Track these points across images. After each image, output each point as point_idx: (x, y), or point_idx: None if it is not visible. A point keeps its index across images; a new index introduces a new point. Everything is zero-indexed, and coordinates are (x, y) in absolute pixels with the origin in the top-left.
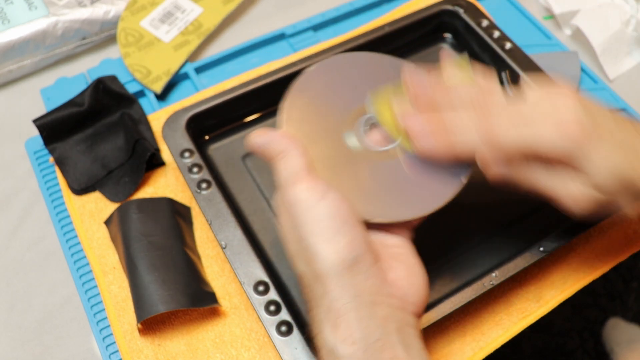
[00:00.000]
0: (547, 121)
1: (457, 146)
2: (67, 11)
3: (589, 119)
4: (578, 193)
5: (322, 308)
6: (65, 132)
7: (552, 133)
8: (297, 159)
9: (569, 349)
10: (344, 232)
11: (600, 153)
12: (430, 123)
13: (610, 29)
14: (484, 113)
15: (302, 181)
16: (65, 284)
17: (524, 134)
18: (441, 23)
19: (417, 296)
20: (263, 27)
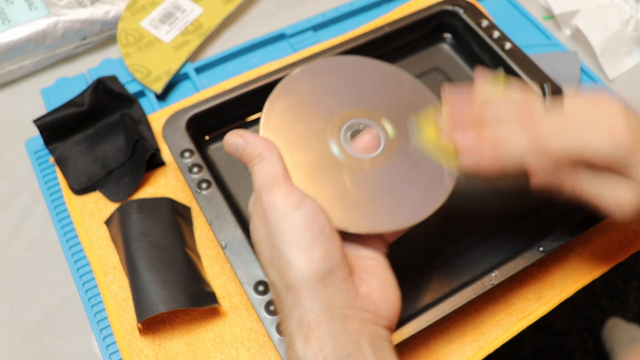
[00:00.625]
0: (596, 128)
1: (506, 158)
2: (67, 11)
3: (635, 123)
4: (625, 199)
5: (293, 320)
6: (66, 132)
7: (603, 139)
8: (274, 164)
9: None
10: (319, 242)
11: None
12: (477, 138)
13: (610, 29)
14: (528, 123)
15: (278, 187)
16: (65, 284)
17: (575, 141)
18: (441, 23)
19: (390, 310)
20: (263, 27)
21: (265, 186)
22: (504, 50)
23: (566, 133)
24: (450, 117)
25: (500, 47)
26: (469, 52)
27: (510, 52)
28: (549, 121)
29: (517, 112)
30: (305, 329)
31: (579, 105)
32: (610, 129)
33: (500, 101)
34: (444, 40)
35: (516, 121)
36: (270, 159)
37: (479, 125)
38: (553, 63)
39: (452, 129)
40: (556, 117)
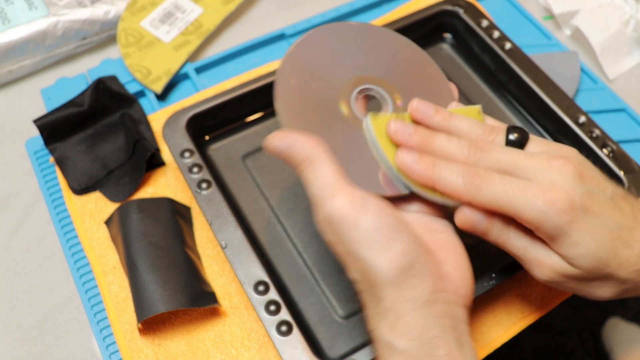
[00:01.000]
0: (538, 190)
1: (439, 183)
2: (67, 11)
3: (583, 197)
4: (547, 265)
5: (379, 309)
6: (66, 132)
7: (539, 205)
8: (327, 168)
9: (569, 349)
10: (394, 239)
11: (582, 235)
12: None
13: (610, 29)
14: (477, 160)
15: (339, 194)
16: (65, 284)
17: (509, 196)
18: (441, 23)
19: (467, 288)
20: (263, 27)
21: (326, 194)
22: (504, 50)
23: (505, 188)
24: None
25: (500, 47)
26: (469, 52)
27: (510, 52)
28: (497, 170)
29: (473, 147)
30: (392, 318)
31: (538, 159)
32: (550, 197)
33: (466, 121)
34: (444, 40)
35: (465, 159)
36: (320, 162)
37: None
38: (553, 63)
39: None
40: (506, 167)
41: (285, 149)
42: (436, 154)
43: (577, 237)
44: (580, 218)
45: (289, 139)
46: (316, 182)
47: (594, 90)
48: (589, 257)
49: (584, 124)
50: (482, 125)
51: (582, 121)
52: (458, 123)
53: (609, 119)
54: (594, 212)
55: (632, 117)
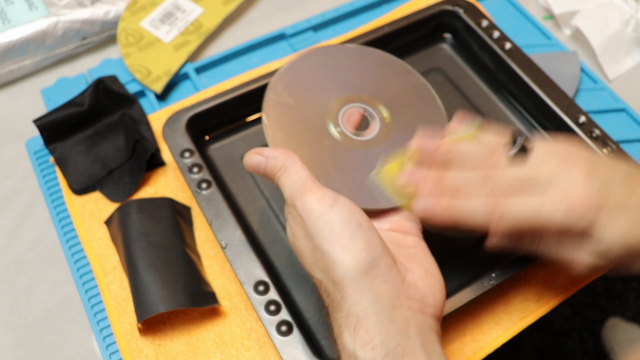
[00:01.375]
0: (554, 196)
1: (460, 216)
2: (67, 11)
3: (598, 192)
4: (583, 261)
5: (341, 313)
6: (66, 132)
7: (558, 207)
8: (298, 171)
9: (569, 348)
10: (359, 235)
11: (604, 228)
12: (437, 184)
13: (610, 29)
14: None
15: (309, 192)
16: (65, 283)
17: (530, 216)
18: (441, 23)
19: (436, 298)
20: (263, 27)
21: (297, 193)
22: (504, 50)
23: (524, 202)
24: (415, 157)
25: (500, 47)
26: (469, 52)
27: (510, 52)
28: (513, 186)
29: (481, 166)
30: (354, 321)
31: (542, 161)
32: (566, 194)
33: (467, 149)
34: (444, 40)
35: (478, 184)
36: (293, 167)
37: (442, 170)
38: (553, 63)
39: (413, 169)
40: (517, 178)
41: (264, 162)
42: (451, 192)
43: (602, 233)
44: (600, 214)
45: (266, 153)
46: (290, 185)
47: (594, 90)
48: (617, 247)
49: (584, 124)
50: (484, 148)
51: (582, 121)
52: (462, 151)
53: (609, 119)
54: (611, 204)
55: (632, 117)
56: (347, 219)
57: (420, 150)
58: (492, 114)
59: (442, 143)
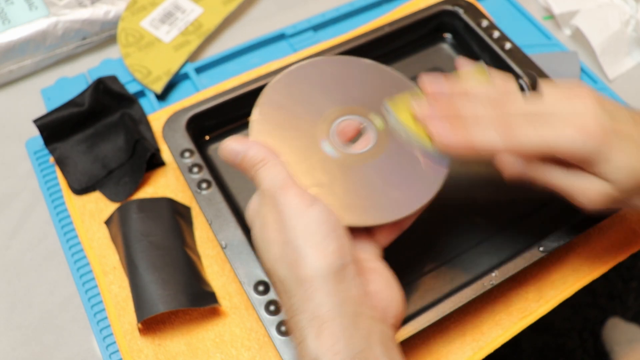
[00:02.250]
0: (567, 122)
1: (477, 143)
2: (67, 11)
3: (609, 119)
4: (593, 191)
5: (305, 314)
6: (66, 132)
7: (573, 135)
8: (280, 167)
9: (569, 348)
10: (333, 237)
11: (619, 154)
12: (450, 120)
13: (610, 29)
14: (503, 112)
15: (291, 187)
16: (65, 283)
17: (544, 136)
18: (441, 23)
19: (397, 309)
20: (263, 27)
21: (278, 185)
22: (504, 50)
23: (537, 129)
24: (428, 103)
25: (500, 47)
26: (469, 52)
27: (510, 52)
28: (523, 116)
29: (493, 99)
30: (318, 323)
31: (557, 96)
32: (581, 125)
33: (478, 90)
34: (444, 40)
35: (492, 114)
36: (275, 163)
37: (455, 113)
38: (553, 63)
39: (428, 114)
40: (531, 108)
41: (243, 151)
42: (467, 122)
43: (613, 155)
44: (612, 139)
45: (247, 143)
46: (270, 178)
47: None
48: (628, 172)
49: None
50: (497, 89)
51: None
52: (475, 91)
53: None
54: (623, 132)
55: None
56: (324, 219)
57: (434, 92)
58: None
59: (456, 84)
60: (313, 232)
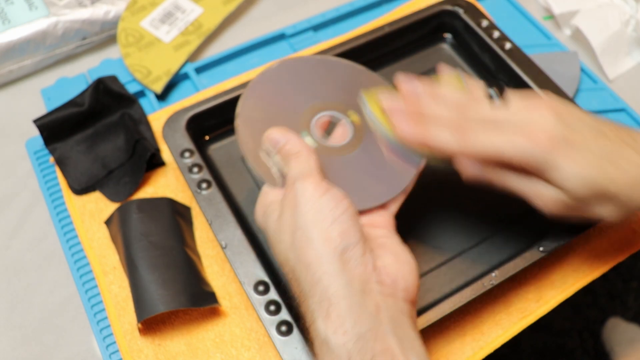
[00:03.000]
0: (518, 131)
1: (431, 141)
2: (67, 11)
3: (563, 130)
4: (548, 197)
5: (314, 298)
6: (66, 132)
7: (521, 143)
8: (311, 161)
9: (569, 348)
10: (340, 221)
11: (569, 163)
12: (412, 116)
13: (610, 29)
14: (462, 116)
15: (311, 177)
16: (65, 283)
17: (494, 142)
18: (441, 23)
19: (407, 281)
20: (263, 27)
21: (301, 175)
22: (504, 50)
23: (490, 136)
24: (396, 98)
25: (500, 47)
26: (469, 52)
27: (510, 52)
28: (480, 122)
29: (458, 107)
30: (326, 305)
31: (518, 107)
32: (530, 133)
33: (448, 94)
34: (444, 40)
35: (451, 116)
36: (308, 156)
37: (418, 110)
38: (553, 63)
39: (393, 107)
40: (489, 118)
41: (282, 141)
42: (427, 118)
43: (563, 164)
44: (563, 148)
45: (287, 135)
46: (298, 167)
47: (594, 90)
48: (579, 180)
49: None
50: (463, 88)
51: None
52: (442, 89)
53: (609, 118)
54: (576, 141)
55: (632, 117)
56: (334, 205)
57: (408, 92)
58: None
59: (429, 86)
60: (322, 218)
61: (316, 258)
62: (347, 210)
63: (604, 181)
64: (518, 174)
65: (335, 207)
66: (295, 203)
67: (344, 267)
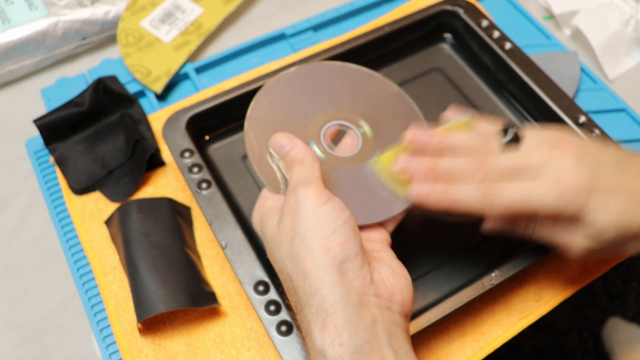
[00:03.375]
0: (542, 179)
1: (457, 203)
2: (67, 11)
3: (589, 175)
4: (576, 245)
5: (311, 308)
6: (66, 132)
7: (548, 193)
8: (314, 168)
9: (569, 348)
10: (340, 232)
11: (599, 209)
12: (431, 170)
13: (610, 29)
14: (485, 172)
15: (313, 184)
16: (65, 283)
17: (521, 195)
18: (441, 23)
19: (403, 295)
20: (263, 27)
21: (303, 182)
22: (504, 50)
23: (515, 188)
24: (409, 147)
25: (500, 47)
26: (469, 52)
27: (510, 52)
28: (504, 173)
29: (474, 154)
30: (323, 315)
31: (535, 148)
32: (556, 179)
33: (461, 137)
34: (444, 40)
35: (472, 169)
36: (312, 164)
37: (434, 162)
38: (553, 63)
39: (408, 157)
40: (509, 164)
41: (288, 147)
42: (445, 178)
43: (594, 216)
44: (591, 198)
45: (294, 141)
46: (300, 174)
47: (594, 90)
48: (609, 229)
49: (584, 124)
50: (477, 136)
51: (582, 121)
52: (455, 140)
53: (609, 119)
54: (603, 187)
55: (632, 117)
56: (335, 215)
57: (414, 140)
58: (492, 114)
59: (435, 132)
60: (322, 227)
61: (314, 267)
62: (347, 221)
63: (632, 222)
64: (545, 225)
65: (336, 217)
66: (295, 210)
67: (342, 279)
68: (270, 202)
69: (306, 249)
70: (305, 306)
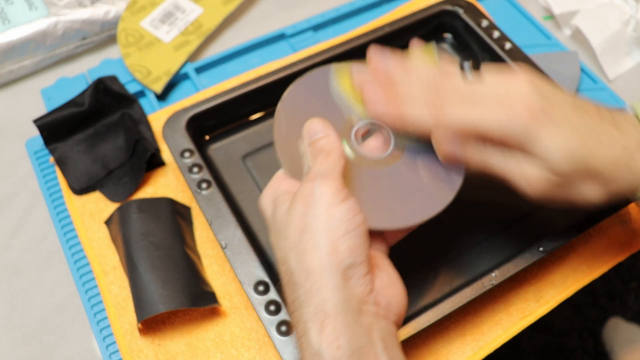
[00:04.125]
0: (496, 103)
1: (408, 118)
2: (67, 11)
3: (542, 102)
4: (532, 175)
5: (309, 308)
6: (66, 132)
7: (499, 115)
8: (339, 164)
9: (569, 348)
10: (351, 236)
11: (552, 135)
12: (384, 92)
13: (610, 29)
14: (438, 92)
15: (333, 179)
16: (65, 283)
17: (472, 114)
18: (441, 23)
19: (399, 306)
20: (263, 27)
21: (323, 173)
22: (504, 50)
23: (467, 105)
24: (370, 72)
25: (500, 47)
26: (469, 52)
27: (510, 52)
28: (456, 95)
29: (432, 81)
30: (322, 317)
31: (493, 80)
32: (509, 105)
33: (420, 67)
34: (444, 40)
35: (426, 90)
36: (338, 159)
37: (391, 84)
38: (553, 63)
39: (365, 81)
40: (466, 89)
41: (320, 134)
42: (400, 93)
43: (544, 135)
44: (543, 119)
45: (329, 130)
46: (323, 165)
47: (594, 90)
48: (561, 152)
49: None
50: (437, 62)
51: None
52: (414, 63)
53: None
54: (556, 114)
55: None
56: (349, 217)
57: (379, 68)
58: None
59: (402, 60)
60: (334, 227)
61: (320, 268)
62: (360, 226)
63: (586, 156)
64: (498, 150)
65: (350, 219)
66: (310, 201)
67: (346, 284)
68: (285, 186)
69: (314, 246)
70: (303, 305)
